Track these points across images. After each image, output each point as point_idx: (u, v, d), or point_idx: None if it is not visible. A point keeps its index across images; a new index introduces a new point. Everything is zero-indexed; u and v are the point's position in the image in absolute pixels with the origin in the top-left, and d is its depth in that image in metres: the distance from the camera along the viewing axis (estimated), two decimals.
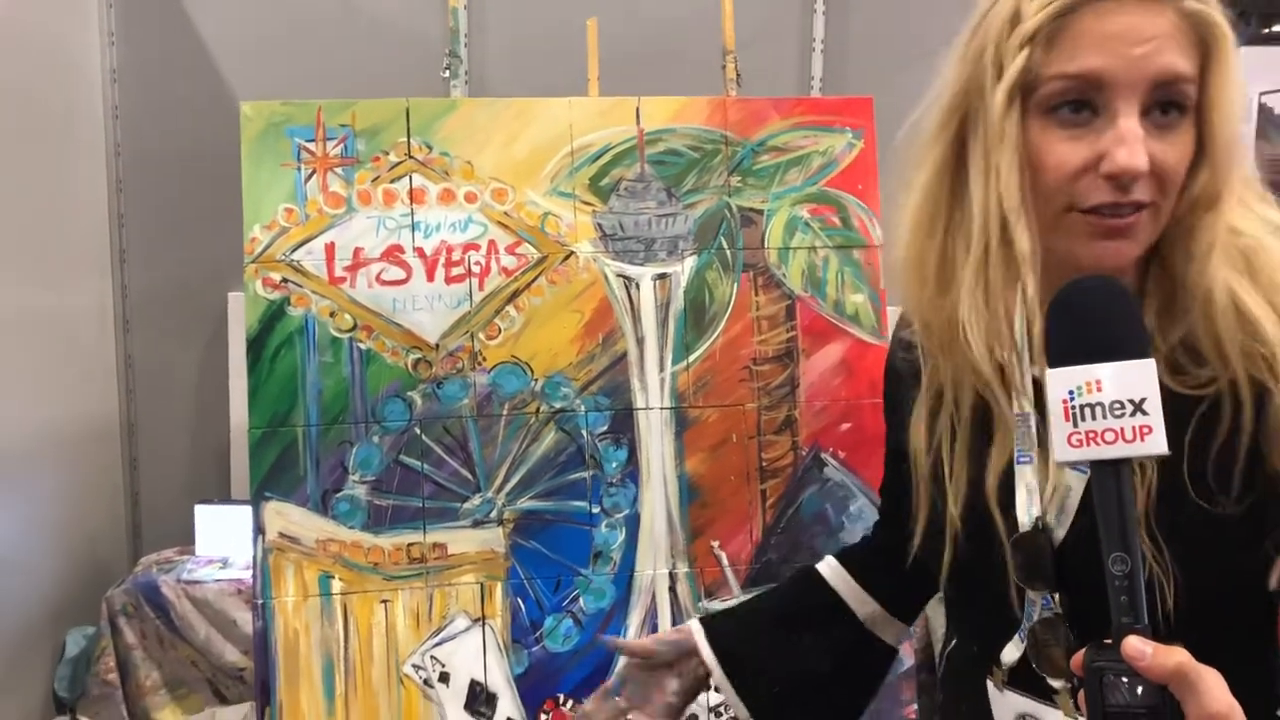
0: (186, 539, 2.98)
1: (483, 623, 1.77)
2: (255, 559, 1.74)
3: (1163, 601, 0.74)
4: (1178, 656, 0.62)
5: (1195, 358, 0.78)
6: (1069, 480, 0.83)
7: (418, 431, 1.78)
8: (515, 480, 1.80)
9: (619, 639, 1.14)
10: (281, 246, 1.77)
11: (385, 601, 1.75)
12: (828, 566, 1.15)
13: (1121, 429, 0.66)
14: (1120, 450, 0.66)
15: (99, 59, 3.13)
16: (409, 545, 1.76)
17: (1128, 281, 0.80)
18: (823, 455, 1.86)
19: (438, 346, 1.79)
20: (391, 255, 1.80)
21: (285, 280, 1.77)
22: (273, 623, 1.73)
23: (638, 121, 1.87)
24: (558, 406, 1.81)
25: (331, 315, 1.77)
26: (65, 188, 3.01)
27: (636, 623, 1.80)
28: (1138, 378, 0.66)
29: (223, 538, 2.92)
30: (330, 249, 1.78)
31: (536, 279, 1.82)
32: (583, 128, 1.86)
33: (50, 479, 2.87)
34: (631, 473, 1.82)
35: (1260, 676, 0.67)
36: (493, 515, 1.79)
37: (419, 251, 1.80)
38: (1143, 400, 0.65)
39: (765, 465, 1.85)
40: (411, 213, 1.81)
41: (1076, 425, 0.67)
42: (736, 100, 1.93)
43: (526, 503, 1.80)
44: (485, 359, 1.80)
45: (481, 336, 1.80)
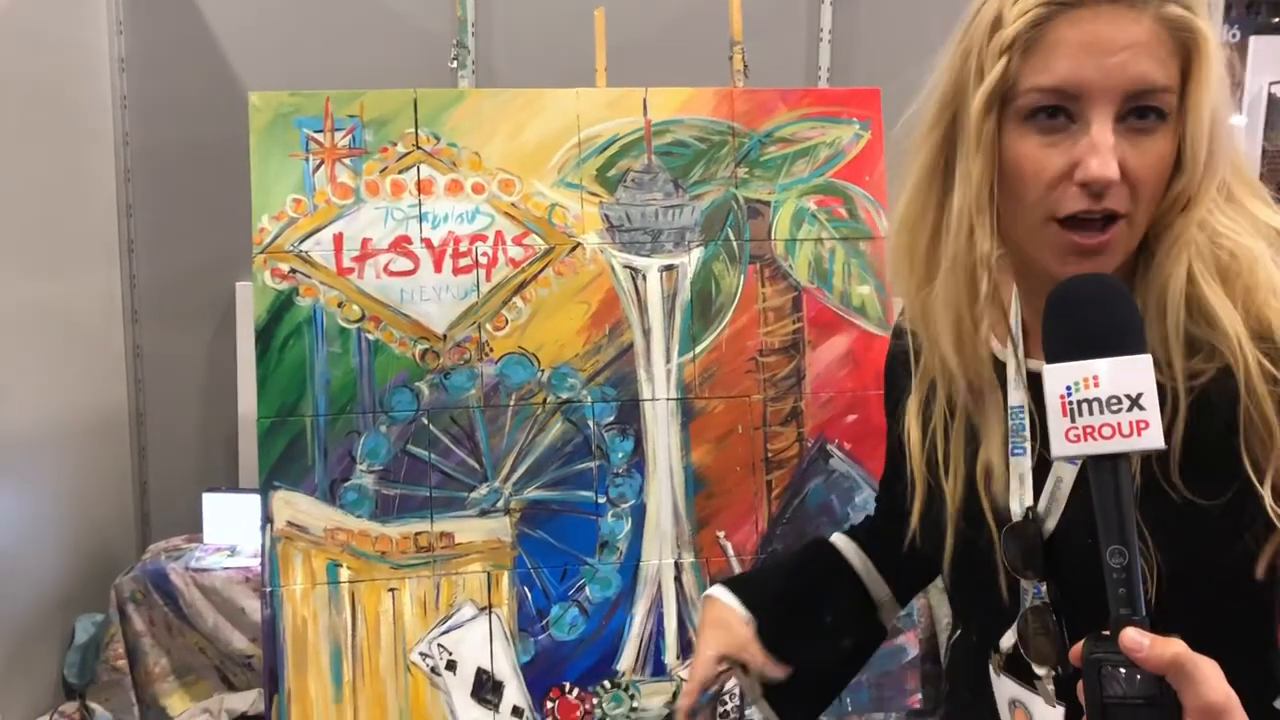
0: (194, 527, 2.99)
1: (489, 611, 1.78)
2: (264, 547, 1.76)
3: (1147, 591, 0.75)
4: (1175, 648, 0.62)
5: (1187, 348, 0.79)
6: (1060, 471, 0.84)
7: (425, 421, 1.79)
8: (522, 470, 1.80)
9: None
10: (290, 237, 1.78)
11: (393, 590, 1.77)
12: (842, 542, 1.16)
13: (1118, 424, 0.66)
14: (1117, 445, 0.66)
15: (107, 49, 3.13)
16: (416, 534, 1.77)
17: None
18: (828, 446, 1.86)
19: (445, 337, 1.80)
20: (399, 246, 1.80)
21: (294, 271, 1.78)
22: (281, 610, 1.74)
23: (645, 112, 1.88)
24: (564, 397, 1.82)
25: (339, 306, 1.78)
26: (74, 178, 3.02)
27: (642, 612, 1.81)
28: (1134, 373, 0.66)
29: (230, 526, 2.93)
30: (338, 239, 1.79)
31: (543, 270, 1.83)
32: (590, 119, 1.87)
33: (59, 468, 2.89)
34: (638, 463, 1.83)
35: (1256, 666, 0.67)
36: (499, 505, 1.80)
37: (426, 242, 1.81)
38: (1139, 395, 0.66)
39: (771, 456, 1.85)
40: (419, 203, 1.81)
41: (1074, 420, 0.67)
42: (743, 91, 1.93)
43: (533, 492, 1.81)
44: (492, 349, 1.81)
45: (489, 327, 1.81)
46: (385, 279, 1.80)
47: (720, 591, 1.13)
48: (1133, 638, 0.63)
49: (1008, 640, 0.88)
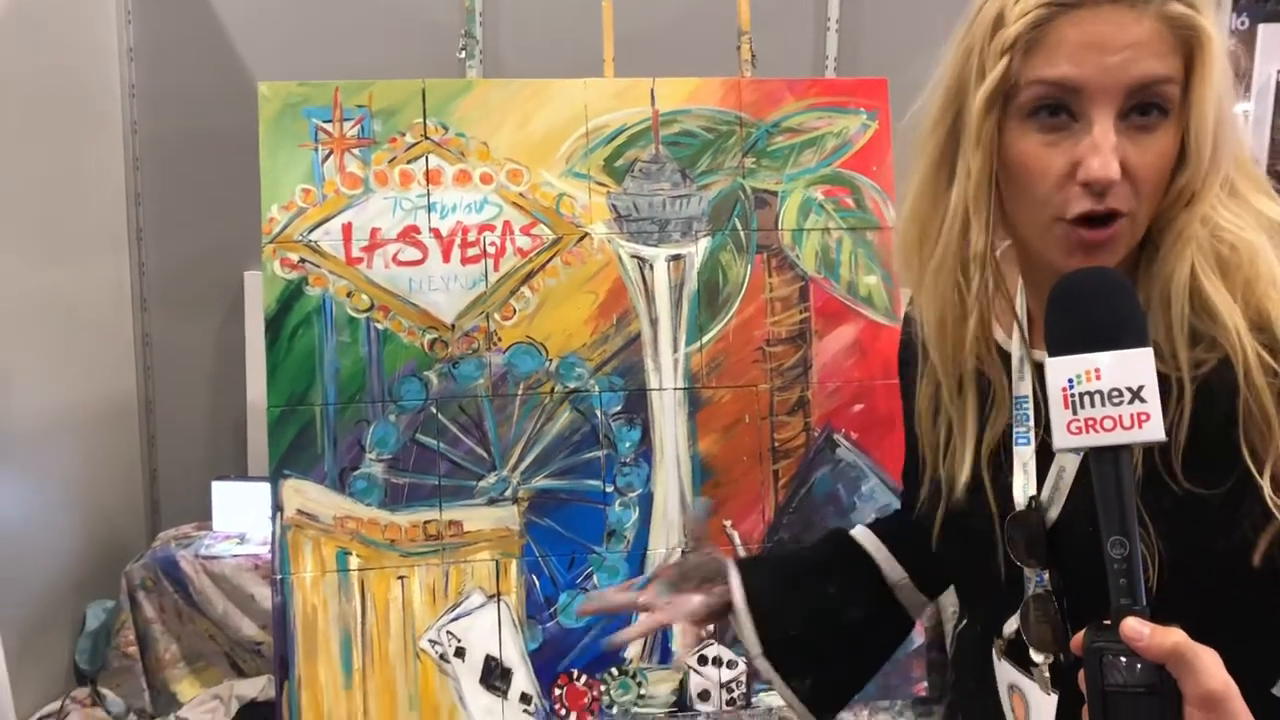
0: (204, 515, 3.01)
1: (498, 599, 1.80)
2: (274, 535, 1.77)
3: (1147, 580, 0.76)
4: (1175, 637, 0.63)
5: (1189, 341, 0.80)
6: (1063, 460, 0.85)
7: (434, 410, 1.80)
8: (530, 459, 1.82)
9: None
10: (299, 227, 1.79)
11: (402, 578, 1.78)
12: (860, 532, 1.18)
13: (1120, 416, 0.67)
14: (1119, 437, 0.67)
15: (116, 37, 3.14)
16: (425, 522, 1.79)
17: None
18: (835, 436, 1.87)
19: (454, 327, 1.81)
20: (408, 236, 1.81)
21: (303, 260, 1.79)
22: (291, 598, 1.76)
23: (652, 103, 1.88)
24: (572, 387, 1.83)
25: (349, 295, 1.79)
26: (83, 166, 3.03)
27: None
28: (1136, 366, 0.67)
29: (239, 513, 2.95)
30: (347, 229, 1.80)
31: (551, 260, 1.84)
32: (598, 109, 1.87)
33: (70, 455, 2.90)
34: (645, 452, 1.84)
35: (1256, 654, 0.68)
36: (508, 493, 1.81)
37: (435, 232, 1.81)
38: (1140, 388, 0.67)
39: (778, 446, 1.86)
40: (428, 193, 1.82)
41: (1076, 413, 0.68)
42: (751, 81, 1.94)
43: (541, 481, 1.82)
44: (500, 339, 1.82)
45: (497, 317, 1.82)
46: (394, 269, 1.80)
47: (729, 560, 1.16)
48: (1133, 627, 0.64)
49: (1010, 627, 0.90)
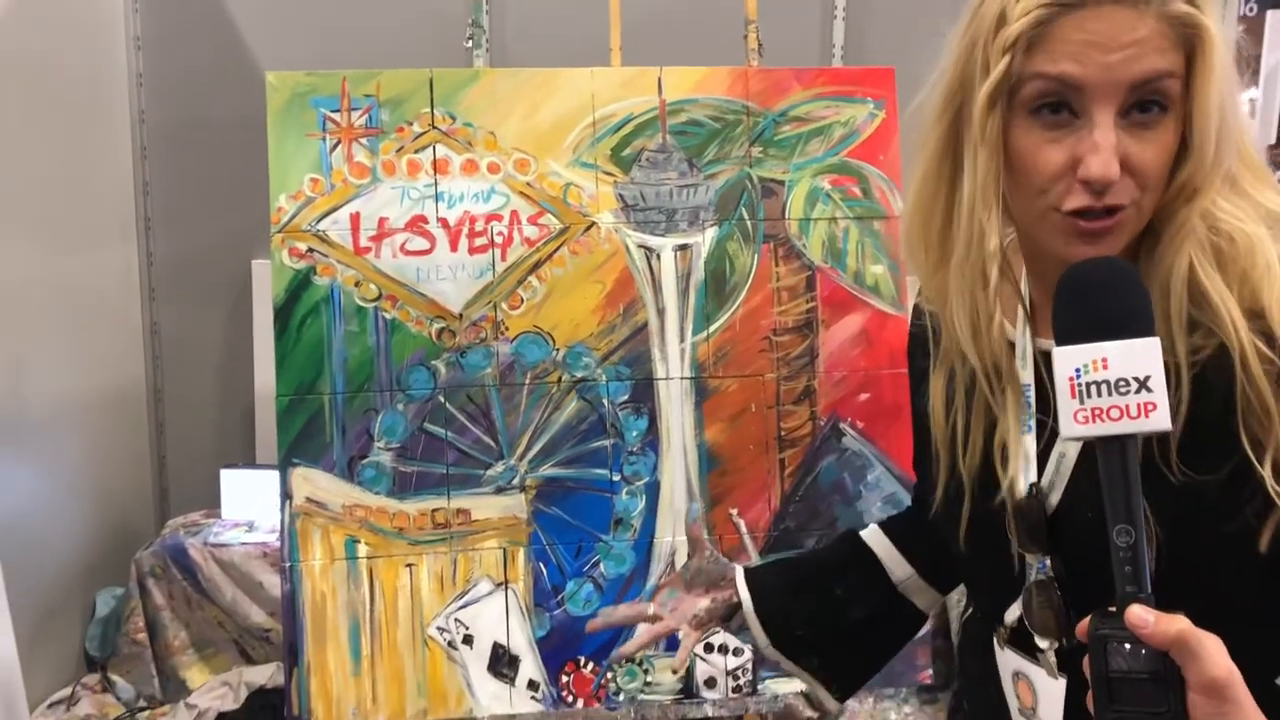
0: (212, 503, 3.02)
1: (505, 587, 1.81)
2: (283, 523, 1.78)
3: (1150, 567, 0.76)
4: (1179, 624, 0.64)
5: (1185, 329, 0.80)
6: (1064, 447, 0.86)
7: (441, 400, 1.81)
8: (537, 448, 1.82)
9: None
10: (307, 216, 1.80)
11: (410, 565, 1.79)
12: (869, 530, 1.20)
13: (1126, 406, 0.68)
14: (1125, 426, 0.68)
15: (123, 25, 3.14)
16: (433, 511, 1.80)
17: None
18: (841, 425, 1.87)
19: (461, 316, 1.82)
20: (415, 225, 1.82)
21: (311, 250, 1.79)
22: (300, 585, 1.77)
23: (659, 92, 1.88)
24: (579, 376, 1.83)
25: (357, 285, 1.80)
26: (90, 155, 3.03)
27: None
28: (1142, 356, 0.68)
29: (248, 501, 2.96)
30: (355, 219, 1.80)
31: (558, 249, 1.84)
32: (605, 98, 1.87)
33: (79, 443, 2.92)
34: (651, 441, 1.84)
35: (1259, 645, 0.69)
36: (515, 482, 1.82)
37: (442, 222, 1.82)
38: (1147, 378, 0.67)
39: (784, 435, 1.87)
40: (435, 183, 1.82)
41: (1083, 402, 0.69)
42: (758, 70, 1.94)
43: (548, 470, 1.83)
44: (508, 328, 1.82)
45: (504, 306, 1.82)
46: (402, 258, 1.81)
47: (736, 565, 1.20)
48: (1138, 614, 0.65)
49: (1012, 614, 0.91)
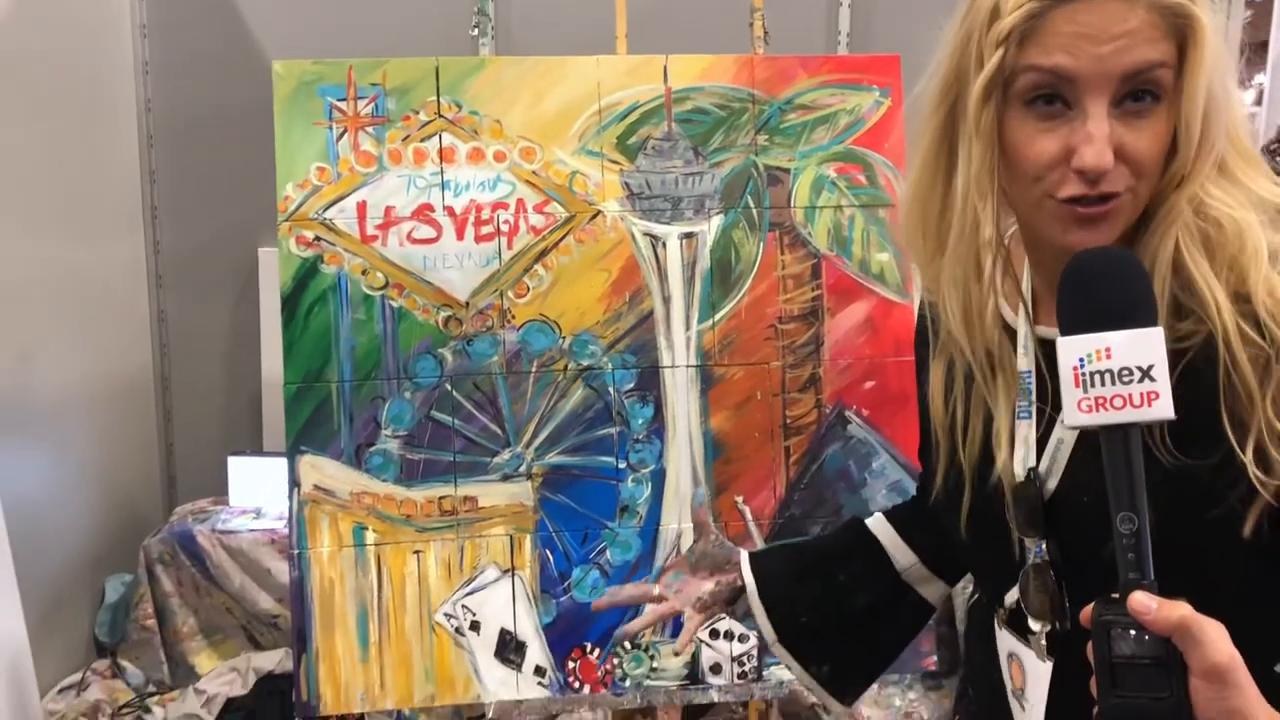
0: (219, 490, 3.04)
1: (512, 573, 1.82)
2: (291, 511, 1.79)
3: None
4: (1181, 610, 0.65)
5: (1174, 314, 0.81)
6: (1061, 433, 0.87)
7: (448, 388, 1.82)
8: (544, 436, 1.83)
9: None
10: (314, 205, 1.80)
11: (418, 552, 1.80)
12: (874, 519, 1.21)
13: (1130, 395, 0.68)
14: (1128, 415, 0.69)
15: (129, 14, 3.15)
16: (440, 498, 1.81)
17: None
18: (846, 413, 1.88)
19: (468, 304, 1.82)
20: (422, 214, 1.82)
21: (318, 238, 1.80)
22: (309, 572, 1.78)
23: (665, 80, 1.88)
24: (585, 364, 1.84)
25: (363, 273, 1.80)
26: (97, 144, 3.04)
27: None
28: (1146, 345, 0.69)
29: (255, 488, 2.98)
30: (362, 208, 1.81)
31: (564, 238, 1.84)
32: (610, 86, 1.87)
33: (87, 432, 2.94)
34: (657, 429, 1.85)
35: (1257, 629, 0.70)
36: (522, 470, 1.83)
37: (449, 210, 1.82)
38: (1150, 367, 0.68)
39: (789, 422, 1.87)
40: (441, 171, 1.83)
41: (1086, 391, 0.70)
42: (764, 58, 1.94)
43: (554, 458, 1.83)
44: (514, 317, 1.83)
45: (510, 294, 1.83)
46: (408, 246, 1.82)
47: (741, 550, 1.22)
48: (1141, 600, 0.66)
49: (1011, 597, 0.92)
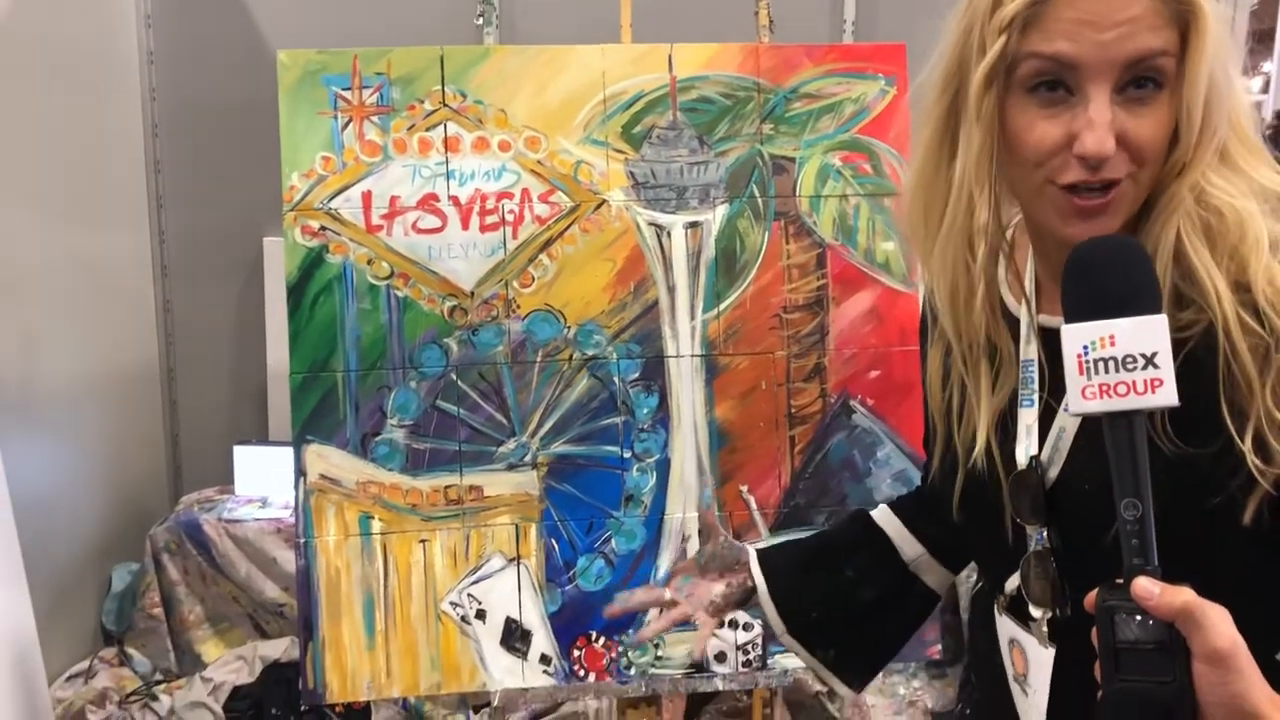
0: (225, 479, 3.05)
1: (518, 562, 1.82)
2: (297, 500, 1.80)
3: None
4: (1184, 596, 0.66)
5: (1175, 303, 0.81)
6: (1063, 421, 0.87)
7: (454, 377, 1.82)
8: (549, 425, 1.83)
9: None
10: (319, 195, 1.80)
11: (423, 541, 1.81)
12: (879, 510, 1.22)
13: (1133, 382, 0.69)
14: (1132, 402, 0.69)
15: (134, 3, 3.14)
16: (446, 487, 1.81)
17: None
18: (851, 402, 1.88)
19: (473, 294, 1.82)
20: (427, 204, 1.82)
21: (323, 228, 1.80)
22: (315, 561, 1.79)
23: (670, 69, 1.88)
24: (590, 353, 1.84)
25: (369, 263, 1.81)
26: (102, 133, 3.04)
27: (667, 564, 1.84)
28: (1150, 332, 0.69)
29: (261, 478, 2.99)
30: (367, 197, 1.81)
31: (569, 227, 1.84)
32: (615, 75, 1.87)
33: (93, 421, 2.94)
34: (662, 419, 1.85)
35: (1259, 618, 0.70)
36: (527, 459, 1.83)
37: (454, 200, 1.82)
38: (1154, 354, 0.69)
39: (794, 412, 1.87)
40: (446, 161, 1.83)
41: (1090, 378, 0.70)
42: (769, 47, 1.93)
43: (560, 447, 1.84)
44: (519, 306, 1.83)
45: (515, 284, 1.83)
46: (413, 236, 1.82)
47: (749, 547, 1.22)
48: (1144, 586, 0.67)
49: (1012, 584, 0.93)
